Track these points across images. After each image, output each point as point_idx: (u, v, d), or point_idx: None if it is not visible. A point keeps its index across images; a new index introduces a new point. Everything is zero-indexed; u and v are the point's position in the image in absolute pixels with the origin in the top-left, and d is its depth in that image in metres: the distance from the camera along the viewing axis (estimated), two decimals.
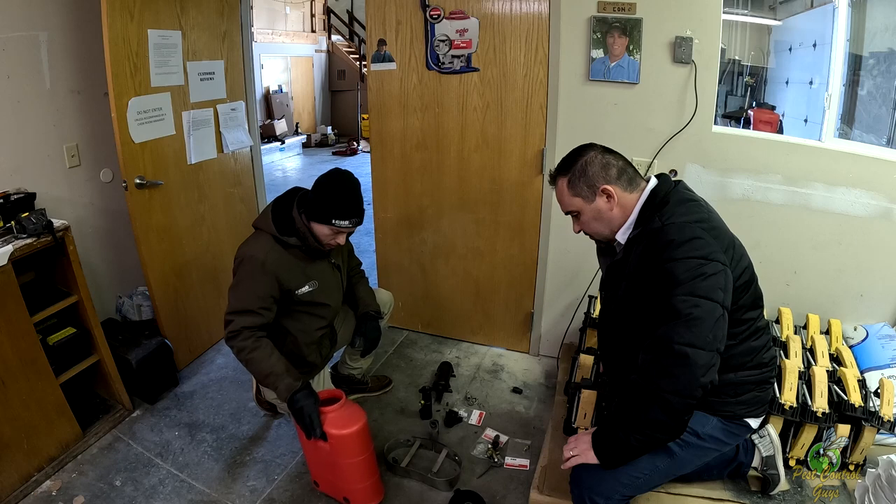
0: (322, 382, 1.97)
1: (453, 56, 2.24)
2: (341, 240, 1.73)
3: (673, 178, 1.34)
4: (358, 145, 8.83)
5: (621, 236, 1.32)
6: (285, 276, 1.69)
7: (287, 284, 1.71)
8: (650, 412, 1.15)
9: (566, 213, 1.39)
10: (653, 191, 1.30)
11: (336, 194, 1.67)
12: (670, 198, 1.27)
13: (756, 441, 1.57)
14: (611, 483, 1.26)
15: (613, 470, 1.25)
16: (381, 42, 2.33)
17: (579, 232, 1.40)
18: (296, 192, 1.80)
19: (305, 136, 9.20)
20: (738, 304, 1.24)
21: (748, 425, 1.38)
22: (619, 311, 1.36)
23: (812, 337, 1.98)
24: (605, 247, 1.44)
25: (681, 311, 1.12)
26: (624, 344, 1.36)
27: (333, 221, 1.65)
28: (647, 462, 1.25)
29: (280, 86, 9.23)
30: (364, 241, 3.66)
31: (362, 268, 2.11)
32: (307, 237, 1.71)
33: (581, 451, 1.27)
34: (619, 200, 1.30)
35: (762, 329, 1.35)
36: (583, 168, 1.31)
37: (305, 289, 1.76)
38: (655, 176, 1.34)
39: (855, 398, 1.61)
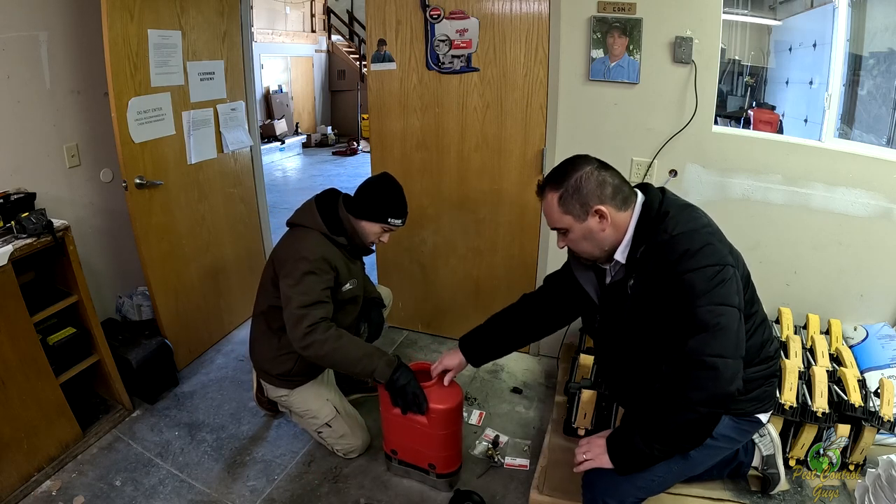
0: (327, 379, 1.98)
1: (453, 56, 2.24)
2: (386, 238, 1.83)
3: (656, 186, 1.32)
4: (358, 145, 8.83)
5: (620, 255, 1.28)
6: (340, 270, 1.75)
7: (340, 278, 1.76)
8: (679, 423, 1.14)
9: (553, 229, 1.33)
10: (644, 204, 1.26)
11: (390, 195, 1.77)
12: (668, 208, 1.24)
13: (756, 441, 1.57)
14: (626, 487, 1.25)
15: (627, 475, 1.23)
16: (381, 42, 2.33)
17: (564, 247, 1.36)
18: (335, 193, 1.86)
19: (305, 136, 9.20)
20: (745, 300, 1.23)
21: (759, 421, 1.37)
22: (626, 331, 1.32)
23: (812, 337, 1.98)
24: (587, 266, 1.40)
25: (708, 323, 1.10)
26: (634, 362, 1.33)
27: (389, 220, 1.76)
28: (662, 465, 1.23)
29: (280, 86, 9.22)
30: None
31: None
32: (355, 237, 1.79)
33: (595, 455, 1.25)
34: (612, 220, 1.25)
35: (764, 322, 1.35)
36: (577, 185, 1.24)
37: (348, 286, 1.82)
38: (639, 188, 1.31)
39: (855, 398, 1.61)
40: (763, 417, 1.38)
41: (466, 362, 1.66)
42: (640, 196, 1.29)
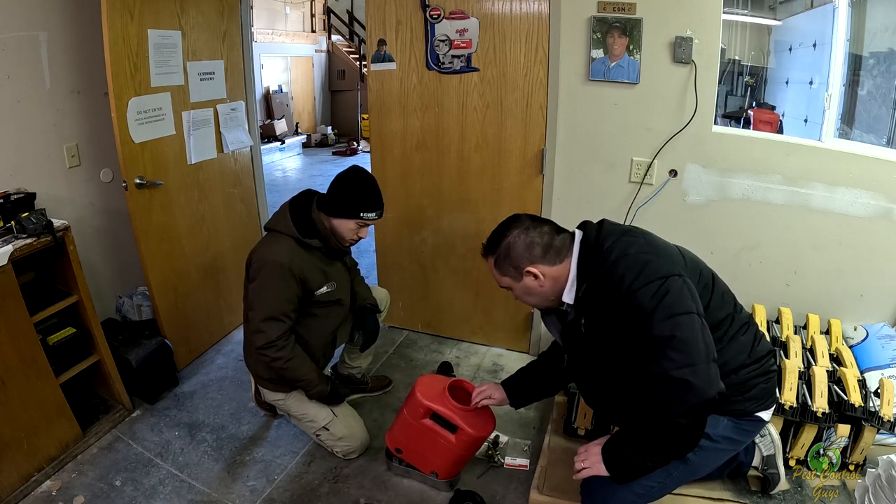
0: None
1: (453, 56, 2.24)
2: (364, 234, 1.80)
3: (594, 222, 1.34)
4: (358, 145, 8.83)
5: (567, 296, 1.31)
6: (308, 277, 1.73)
7: (309, 286, 1.74)
8: (664, 437, 1.14)
9: (501, 287, 1.39)
10: (582, 243, 1.29)
11: (361, 188, 1.73)
12: (603, 240, 1.26)
13: (757, 441, 1.57)
14: (625, 494, 1.25)
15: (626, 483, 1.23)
16: (381, 42, 2.33)
17: (517, 299, 1.40)
18: (311, 194, 1.83)
19: (305, 136, 9.20)
20: (708, 307, 1.23)
21: (760, 419, 1.36)
22: (590, 366, 1.34)
23: (812, 337, 1.98)
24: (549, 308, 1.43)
25: (664, 337, 1.10)
26: (608, 389, 1.34)
27: (362, 214, 1.72)
28: (660, 471, 1.23)
29: (280, 86, 9.22)
30: (364, 240, 3.65)
31: (358, 267, 2.13)
32: (329, 238, 1.75)
33: (592, 463, 1.25)
34: (548, 275, 1.29)
35: (746, 323, 1.34)
36: (506, 250, 1.31)
37: (325, 289, 1.80)
38: (578, 227, 1.34)
39: (855, 398, 1.61)
40: (765, 416, 1.36)
41: (507, 400, 1.70)
42: (579, 234, 1.31)
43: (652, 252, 1.22)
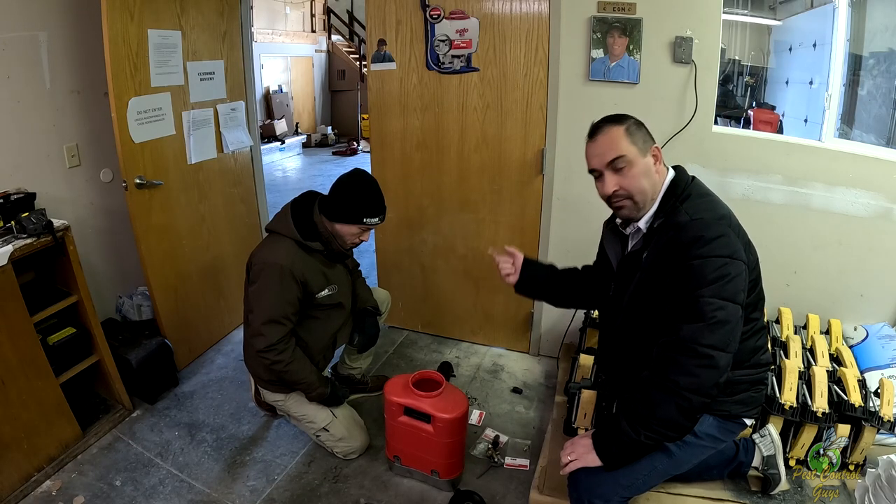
0: None
1: (453, 56, 2.24)
2: (366, 237, 1.79)
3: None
4: (358, 145, 8.83)
5: (644, 223, 1.31)
6: (309, 280, 1.73)
7: (310, 288, 1.74)
8: (666, 409, 1.14)
9: (610, 162, 1.25)
10: (673, 181, 1.29)
11: (364, 193, 1.72)
12: (692, 191, 1.26)
13: (757, 440, 1.57)
14: (610, 485, 1.26)
15: (612, 472, 1.24)
16: (381, 42, 2.33)
17: (614, 190, 1.27)
18: (313, 195, 1.82)
19: (305, 136, 9.20)
20: (747, 302, 1.23)
21: (743, 423, 1.38)
22: (630, 304, 1.33)
23: (812, 337, 1.98)
24: (616, 234, 1.43)
25: (706, 314, 1.12)
26: (631, 338, 1.34)
27: (364, 220, 1.70)
28: (645, 463, 1.26)
29: (280, 86, 9.22)
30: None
31: (360, 268, 2.12)
32: (331, 241, 1.74)
33: (580, 454, 1.26)
34: (659, 169, 1.29)
35: (762, 330, 1.36)
36: (638, 123, 1.30)
37: (326, 292, 1.80)
38: (673, 167, 1.33)
39: (855, 398, 1.61)
40: (748, 421, 1.39)
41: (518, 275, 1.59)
42: (671, 173, 1.31)
43: (732, 227, 1.23)
